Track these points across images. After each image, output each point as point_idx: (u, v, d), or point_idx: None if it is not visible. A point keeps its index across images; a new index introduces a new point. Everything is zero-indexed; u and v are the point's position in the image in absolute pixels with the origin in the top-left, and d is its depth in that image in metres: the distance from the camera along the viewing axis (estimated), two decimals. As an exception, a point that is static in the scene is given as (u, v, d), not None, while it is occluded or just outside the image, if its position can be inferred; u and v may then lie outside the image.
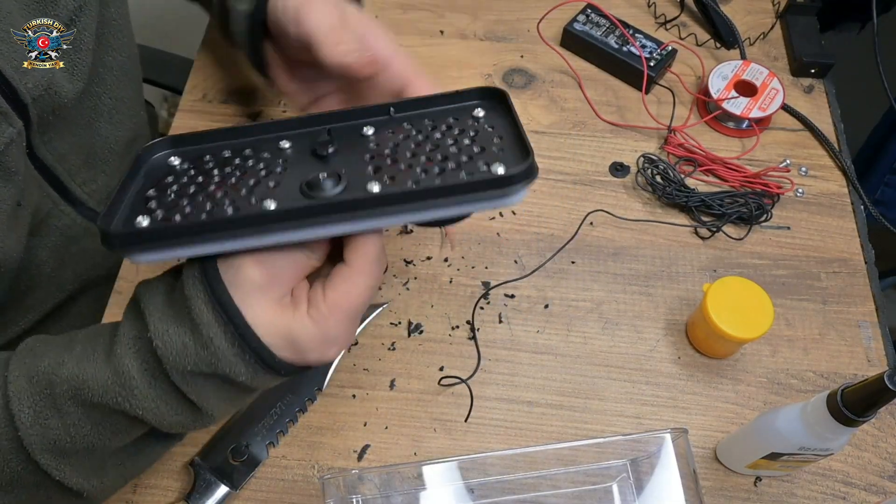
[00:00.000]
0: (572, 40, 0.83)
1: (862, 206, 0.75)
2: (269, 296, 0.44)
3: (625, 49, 0.81)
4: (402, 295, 0.68)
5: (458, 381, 0.63)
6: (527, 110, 0.80)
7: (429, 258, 0.70)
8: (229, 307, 0.43)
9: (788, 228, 0.73)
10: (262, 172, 0.48)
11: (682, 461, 0.52)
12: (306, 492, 0.59)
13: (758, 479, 0.60)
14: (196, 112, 0.78)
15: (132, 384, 0.43)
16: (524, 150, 0.45)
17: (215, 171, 0.49)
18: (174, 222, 0.44)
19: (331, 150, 0.48)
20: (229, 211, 0.44)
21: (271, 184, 0.46)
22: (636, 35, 0.82)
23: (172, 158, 0.51)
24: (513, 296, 0.68)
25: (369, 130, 0.50)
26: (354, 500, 0.52)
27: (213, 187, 0.47)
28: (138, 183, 0.49)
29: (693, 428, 0.62)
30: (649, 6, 0.89)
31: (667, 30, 0.87)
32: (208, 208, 0.45)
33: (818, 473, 0.60)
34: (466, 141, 0.47)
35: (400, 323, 0.66)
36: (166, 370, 0.43)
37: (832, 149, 0.78)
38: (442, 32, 0.86)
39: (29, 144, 0.57)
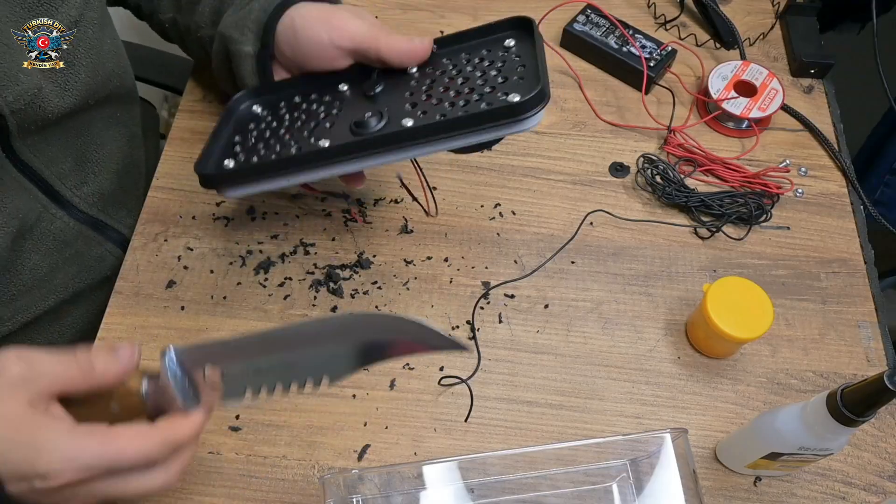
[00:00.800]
0: (572, 41, 0.83)
1: (861, 207, 0.75)
2: (20, 395, 0.40)
3: (625, 49, 0.81)
4: (402, 295, 0.68)
5: (458, 381, 0.63)
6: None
7: (429, 258, 0.70)
8: None
9: (788, 228, 0.73)
10: (322, 115, 0.57)
11: (682, 461, 0.52)
12: (306, 492, 0.59)
13: (757, 478, 0.60)
14: (196, 112, 0.78)
15: None
16: (537, 77, 0.50)
17: (286, 116, 0.59)
18: (251, 163, 0.55)
19: (378, 89, 0.56)
20: (293, 151, 0.54)
21: (328, 125, 0.56)
22: (636, 35, 0.82)
23: (255, 107, 0.62)
24: (513, 296, 0.68)
25: (413, 69, 0.57)
26: (354, 500, 0.52)
27: (282, 131, 0.57)
28: (228, 130, 0.61)
29: (693, 428, 0.62)
30: (649, 6, 0.89)
31: (666, 30, 0.87)
32: (278, 150, 0.55)
33: (818, 473, 0.60)
34: (493, 72, 0.53)
35: (400, 323, 0.66)
36: None
37: (832, 149, 0.78)
38: (442, 32, 0.86)
39: (10, 149, 0.57)
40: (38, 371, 0.41)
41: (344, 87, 0.59)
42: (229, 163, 0.56)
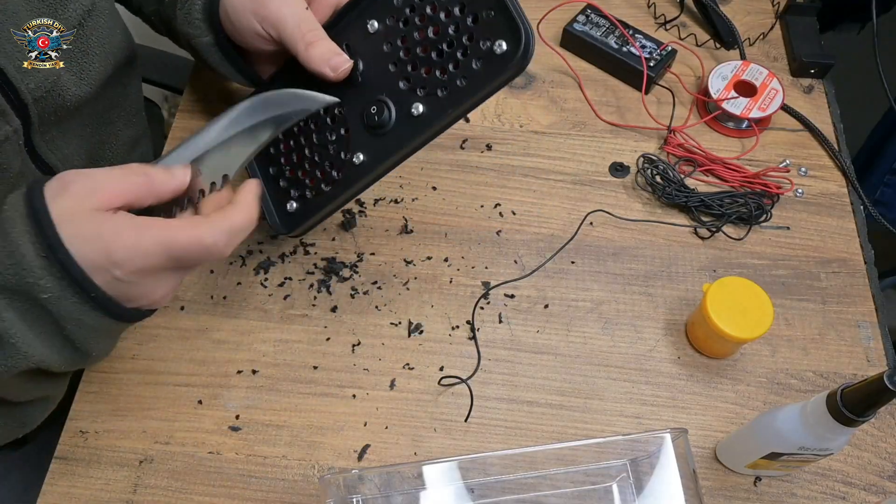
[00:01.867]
0: (572, 41, 0.83)
1: (861, 207, 0.75)
2: (84, 203, 0.43)
3: (625, 49, 0.81)
4: (402, 295, 0.68)
5: (458, 381, 0.63)
6: (527, 110, 0.80)
7: (429, 258, 0.70)
8: (43, 218, 0.42)
9: (788, 228, 0.73)
10: (329, 119, 0.57)
11: (682, 461, 0.52)
12: (306, 492, 0.59)
13: (757, 478, 0.60)
14: (196, 112, 0.78)
15: None
16: (510, 17, 0.47)
17: (296, 129, 0.58)
18: (312, 202, 0.57)
19: (360, 70, 0.54)
20: (335, 174, 0.56)
21: (342, 130, 0.55)
22: (636, 35, 0.82)
23: None
24: (513, 296, 0.68)
25: (374, 25, 0.54)
26: (354, 500, 0.52)
27: (307, 149, 0.58)
28: (255, 163, 0.61)
29: (693, 428, 0.62)
30: (649, 6, 0.89)
31: (666, 30, 0.87)
32: (320, 176, 0.57)
33: (818, 473, 0.60)
34: (456, 9, 0.49)
35: (400, 323, 0.66)
36: None
37: (832, 149, 0.78)
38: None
39: (30, 143, 0.57)
40: (101, 183, 0.43)
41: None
42: (291, 205, 0.59)
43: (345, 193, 0.55)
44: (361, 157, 0.54)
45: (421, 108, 0.51)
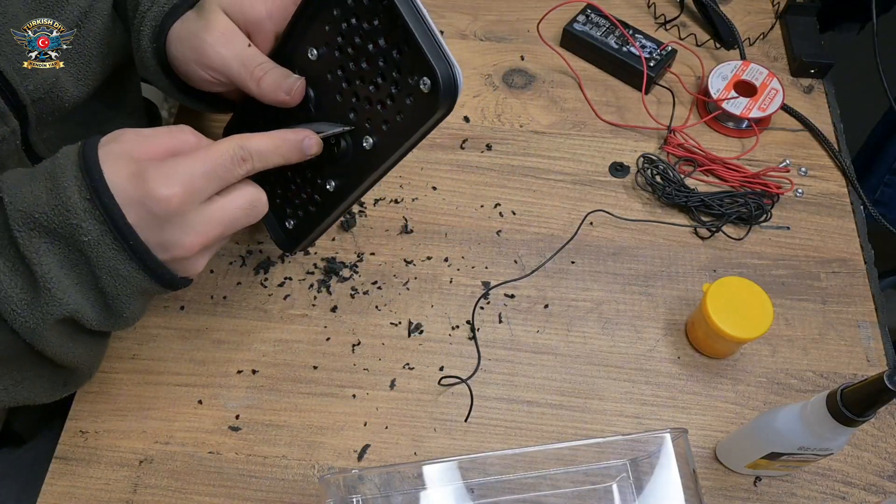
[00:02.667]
0: (572, 41, 0.83)
1: (861, 207, 0.75)
2: (133, 151, 0.45)
3: (625, 49, 0.81)
4: (402, 295, 0.68)
5: (458, 381, 0.63)
6: (527, 110, 0.80)
7: (429, 258, 0.70)
8: (93, 167, 0.43)
9: (788, 228, 0.73)
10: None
11: (682, 461, 0.52)
12: (306, 492, 0.59)
13: (757, 478, 0.60)
14: (196, 112, 0.78)
15: None
16: (421, 55, 0.44)
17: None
18: (304, 221, 0.57)
19: (312, 101, 0.54)
20: (316, 198, 0.55)
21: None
22: (636, 35, 0.82)
23: None
24: (513, 296, 0.68)
25: (314, 52, 0.53)
26: (354, 500, 0.52)
27: (289, 172, 0.57)
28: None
29: (693, 428, 0.62)
30: (649, 6, 0.89)
31: (666, 30, 0.87)
32: (305, 198, 0.56)
33: (818, 473, 0.60)
34: (370, 45, 0.48)
35: (400, 323, 0.66)
36: (10, 227, 0.43)
37: (832, 149, 0.78)
38: (442, 32, 0.86)
39: (26, 142, 0.57)
40: (149, 136, 0.46)
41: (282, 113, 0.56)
42: (289, 223, 0.59)
43: (326, 215, 0.55)
44: (333, 184, 0.54)
45: (371, 140, 0.50)
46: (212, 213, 0.46)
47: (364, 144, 0.50)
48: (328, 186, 0.54)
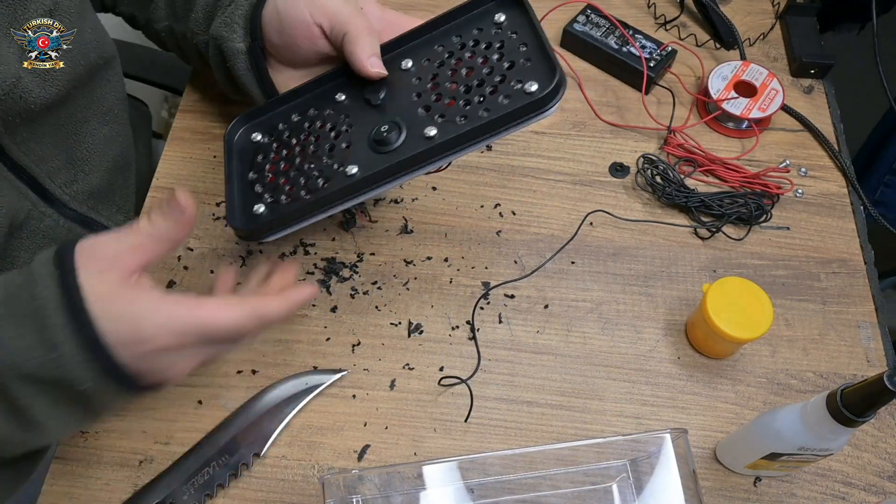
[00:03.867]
0: (572, 41, 0.83)
1: (861, 207, 0.75)
2: (113, 273, 0.43)
3: (625, 50, 0.81)
4: (402, 295, 0.68)
5: (457, 381, 0.63)
6: None
7: (429, 258, 0.70)
8: (81, 312, 0.41)
9: (788, 229, 0.73)
10: (333, 133, 0.55)
11: (682, 461, 0.52)
12: (306, 492, 0.59)
13: (757, 479, 0.60)
14: (196, 112, 0.78)
15: None
16: (549, 63, 0.48)
17: (293, 141, 0.56)
18: (285, 207, 0.52)
19: (382, 96, 0.54)
20: (321, 182, 0.52)
21: (344, 145, 0.53)
22: (636, 36, 0.82)
23: (254, 134, 0.59)
24: (513, 296, 0.68)
25: (408, 63, 0.55)
26: (354, 500, 0.52)
27: (298, 160, 0.55)
28: (237, 168, 0.58)
29: (693, 428, 0.62)
30: (649, 7, 0.89)
31: (667, 30, 0.87)
32: (303, 183, 0.53)
33: (818, 474, 0.60)
34: (496, 56, 0.51)
35: (400, 323, 0.66)
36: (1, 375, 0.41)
37: (832, 149, 0.78)
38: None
39: None
40: (118, 252, 0.44)
41: (342, 97, 0.57)
42: (259, 208, 0.54)
43: (323, 204, 0.52)
44: (355, 169, 0.51)
45: (434, 131, 0.50)
46: (204, 353, 0.46)
47: (426, 133, 0.50)
48: (348, 170, 0.51)
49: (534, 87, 0.48)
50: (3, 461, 0.50)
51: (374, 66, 0.54)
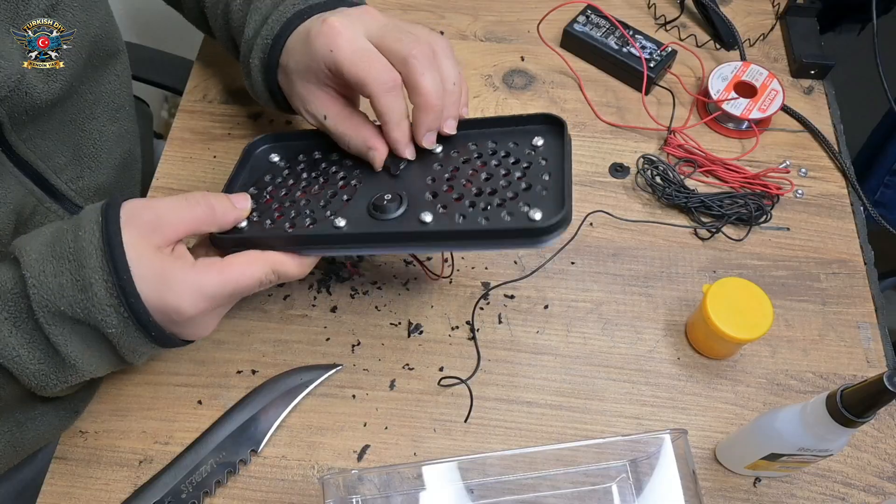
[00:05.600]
0: (572, 41, 0.83)
1: (861, 208, 0.75)
2: (150, 241, 0.46)
3: (625, 50, 0.81)
4: (402, 295, 0.68)
5: (457, 381, 0.63)
6: (527, 111, 0.80)
7: (428, 258, 0.70)
8: (119, 261, 0.44)
9: (788, 229, 0.73)
10: (340, 183, 0.55)
11: (682, 462, 0.52)
12: (306, 492, 0.59)
13: (757, 479, 0.60)
14: (196, 112, 0.78)
15: None
16: (562, 200, 0.48)
17: (303, 175, 0.57)
18: (264, 231, 0.52)
19: (402, 167, 0.54)
20: (307, 222, 0.52)
21: (345, 197, 0.54)
22: (636, 36, 0.82)
23: (273, 155, 0.60)
24: (512, 296, 0.68)
25: (438, 148, 0.55)
26: (354, 501, 0.52)
27: (298, 193, 0.55)
28: (244, 176, 0.59)
29: (692, 428, 0.62)
30: (649, 7, 0.89)
31: (667, 31, 0.87)
32: (292, 216, 0.53)
33: (817, 474, 0.60)
34: (518, 174, 0.51)
35: (400, 323, 0.66)
36: (34, 310, 0.44)
37: (832, 150, 0.78)
38: (442, 33, 0.86)
39: (5, 142, 0.57)
40: (165, 219, 0.46)
41: None
42: (243, 222, 0.54)
43: (300, 243, 0.52)
44: (343, 223, 0.51)
45: (430, 217, 0.50)
46: (228, 308, 0.50)
47: (422, 217, 0.50)
48: (337, 221, 0.51)
49: (537, 216, 0.48)
50: (52, 397, 0.53)
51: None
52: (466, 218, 0.49)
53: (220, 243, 0.53)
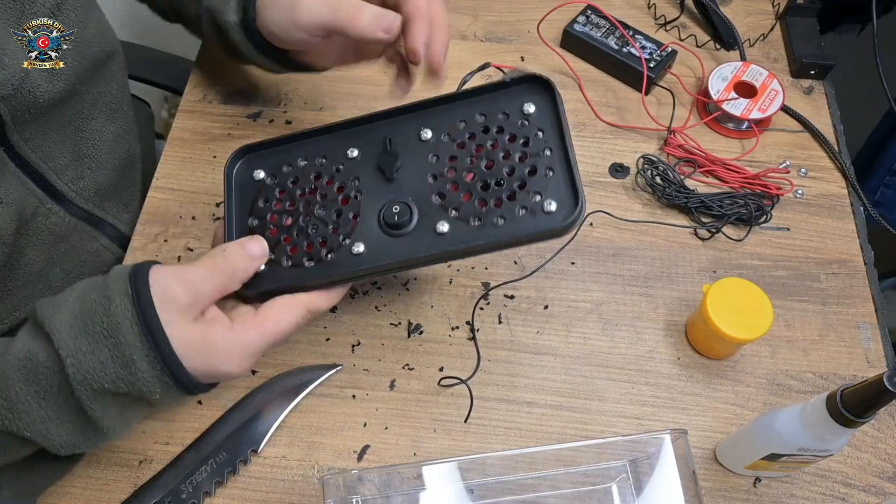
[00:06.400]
0: (572, 41, 0.83)
1: (861, 208, 0.75)
2: (188, 316, 0.46)
3: (625, 50, 0.81)
4: (402, 295, 0.68)
5: (457, 381, 0.63)
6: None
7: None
8: (157, 333, 0.44)
9: (788, 230, 0.73)
10: (340, 198, 0.53)
11: (682, 462, 0.52)
12: (306, 492, 0.59)
13: (757, 479, 0.60)
14: (196, 112, 0.78)
15: (19, 408, 0.45)
16: (571, 182, 0.48)
17: (297, 192, 0.54)
18: (287, 273, 0.51)
19: (397, 167, 0.52)
20: (324, 253, 0.51)
21: (351, 214, 0.52)
22: (636, 36, 0.82)
23: (257, 171, 0.56)
24: (513, 296, 0.68)
25: (427, 134, 0.53)
26: (354, 501, 0.52)
27: (302, 215, 0.52)
28: (237, 205, 0.55)
29: (692, 429, 0.62)
30: (649, 7, 0.89)
31: (667, 31, 0.87)
32: (305, 247, 0.51)
33: (817, 474, 0.60)
34: (518, 154, 0.50)
35: (400, 323, 0.66)
36: (73, 387, 0.44)
37: (832, 150, 0.78)
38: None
39: (6, 141, 0.57)
40: (199, 294, 0.46)
41: (354, 153, 0.54)
42: (261, 266, 0.51)
43: (329, 277, 0.50)
44: (362, 247, 0.50)
45: (446, 227, 0.49)
46: (261, 354, 0.49)
47: (437, 228, 0.49)
48: (354, 248, 0.50)
49: (552, 207, 0.47)
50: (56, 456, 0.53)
51: (387, 30, 0.54)
52: (482, 221, 0.49)
53: (249, 300, 0.51)
